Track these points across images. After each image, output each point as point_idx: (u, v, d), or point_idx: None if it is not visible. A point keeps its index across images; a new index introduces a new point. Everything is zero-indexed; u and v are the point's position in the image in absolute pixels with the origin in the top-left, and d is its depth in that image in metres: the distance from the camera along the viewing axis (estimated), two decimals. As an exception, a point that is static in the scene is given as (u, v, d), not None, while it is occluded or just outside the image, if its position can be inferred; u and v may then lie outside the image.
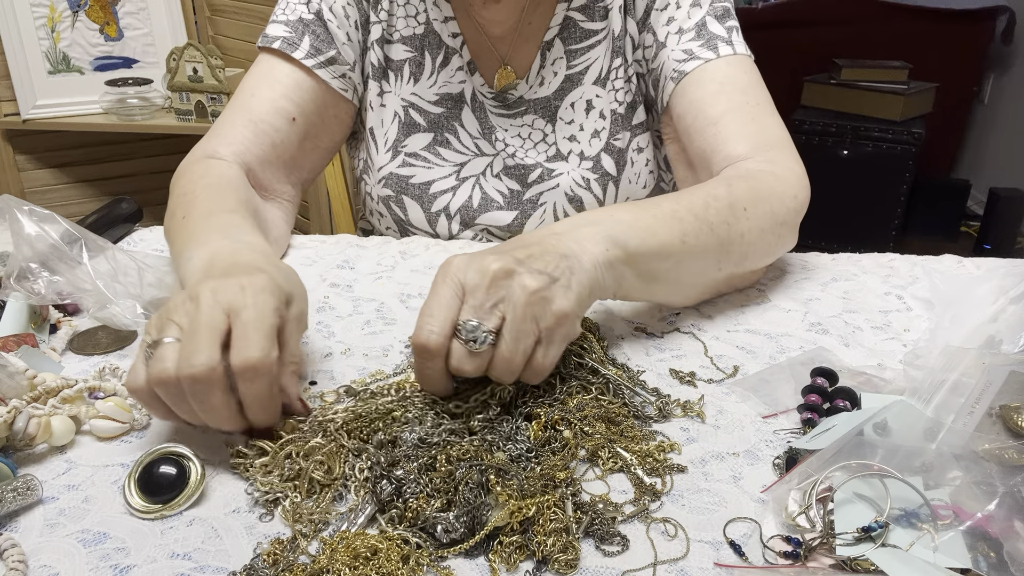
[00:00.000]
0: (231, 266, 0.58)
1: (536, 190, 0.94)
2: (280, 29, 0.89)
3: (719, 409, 0.61)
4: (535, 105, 0.93)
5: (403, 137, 0.94)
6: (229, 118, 0.87)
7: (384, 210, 0.97)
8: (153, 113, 2.27)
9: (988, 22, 3.15)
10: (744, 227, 0.71)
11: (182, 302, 0.54)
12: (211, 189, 0.77)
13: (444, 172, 0.94)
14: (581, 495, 0.51)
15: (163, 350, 0.52)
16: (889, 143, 2.91)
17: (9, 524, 0.49)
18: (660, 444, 0.56)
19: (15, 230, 0.69)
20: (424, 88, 0.94)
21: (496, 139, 0.94)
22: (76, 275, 0.68)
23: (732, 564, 0.46)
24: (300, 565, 0.45)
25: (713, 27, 0.84)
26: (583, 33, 0.91)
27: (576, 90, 0.92)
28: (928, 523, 0.46)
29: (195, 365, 0.50)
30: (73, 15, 2.25)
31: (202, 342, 0.51)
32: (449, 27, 0.92)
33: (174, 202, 0.77)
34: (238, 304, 0.53)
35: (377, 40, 0.92)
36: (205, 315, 0.52)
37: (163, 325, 0.53)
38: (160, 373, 0.51)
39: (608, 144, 0.93)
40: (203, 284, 0.54)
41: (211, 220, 0.70)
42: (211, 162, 0.83)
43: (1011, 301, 0.67)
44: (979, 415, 0.53)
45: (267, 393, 0.53)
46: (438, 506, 0.48)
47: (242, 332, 0.52)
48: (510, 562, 0.46)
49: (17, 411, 0.53)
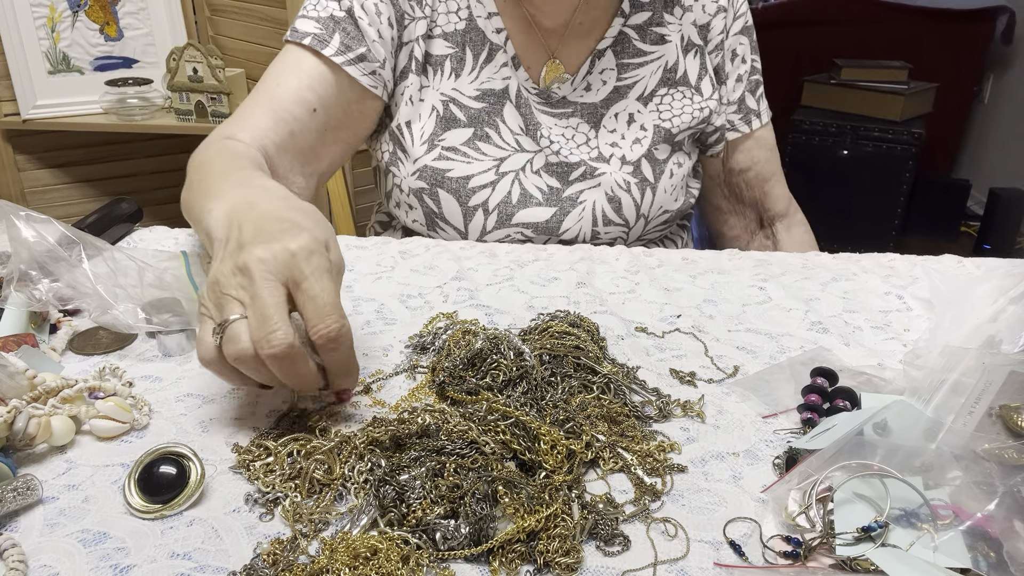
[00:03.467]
0: (260, 219, 0.57)
1: (577, 188, 0.95)
2: (311, 25, 0.89)
3: (719, 409, 0.61)
4: (581, 109, 0.96)
5: (440, 131, 0.95)
6: (251, 105, 0.88)
7: (415, 202, 0.97)
8: (153, 113, 2.27)
9: (988, 22, 3.16)
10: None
11: (231, 273, 0.54)
12: (226, 157, 0.78)
13: (483, 167, 0.95)
14: (584, 495, 0.51)
15: (234, 330, 0.52)
16: (889, 143, 2.92)
17: (9, 524, 0.49)
18: (660, 444, 0.56)
19: (12, 235, 0.69)
20: (465, 84, 0.94)
21: (541, 135, 0.95)
22: (76, 278, 0.68)
23: (732, 564, 0.46)
24: (300, 565, 0.45)
25: (749, 102, 1.04)
26: (636, 51, 0.96)
27: (621, 102, 0.96)
28: (928, 523, 0.46)
29: (275, 345, 0.51)
30: (73, 15, 2.25)
31: (275, 321, 0.52)
32: (493, 23, 0.93)
33: (191, 175, 0.78)
34: (296, 275, 0.53)
35: (421, 35, 0.93)
36: (266, 291, 0.52)
37: (222, 302, 0.54)
38: (239, 353, 0.52)
39: (649, 152, 0.96)
40: (248, 253, 0.54)
41: (227, 176, 0.71)
42: (229, 142, 0.84)
43: (1011, 301, 0.67)
44: (979, 415, 0.53)
45: (351, 355, 0.55)
46: (441, 513, 0.48)
47: (312, 306, 0.53)
48: (511, 568, 0.46)
49: (17, 411, 0.53)
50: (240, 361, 0.53)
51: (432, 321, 0.73)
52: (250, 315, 0.53)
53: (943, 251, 0.89)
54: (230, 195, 0.63)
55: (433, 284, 0.81)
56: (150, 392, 0.62)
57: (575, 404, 0.57)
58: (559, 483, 0.50)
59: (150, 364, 0.66)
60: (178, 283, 0.74)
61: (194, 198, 0.72)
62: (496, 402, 0.56)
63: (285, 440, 0.55)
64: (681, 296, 0.79)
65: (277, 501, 0.51)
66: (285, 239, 0.55)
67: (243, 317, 0.53)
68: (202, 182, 0.73)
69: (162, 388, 0.63)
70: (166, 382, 0.64)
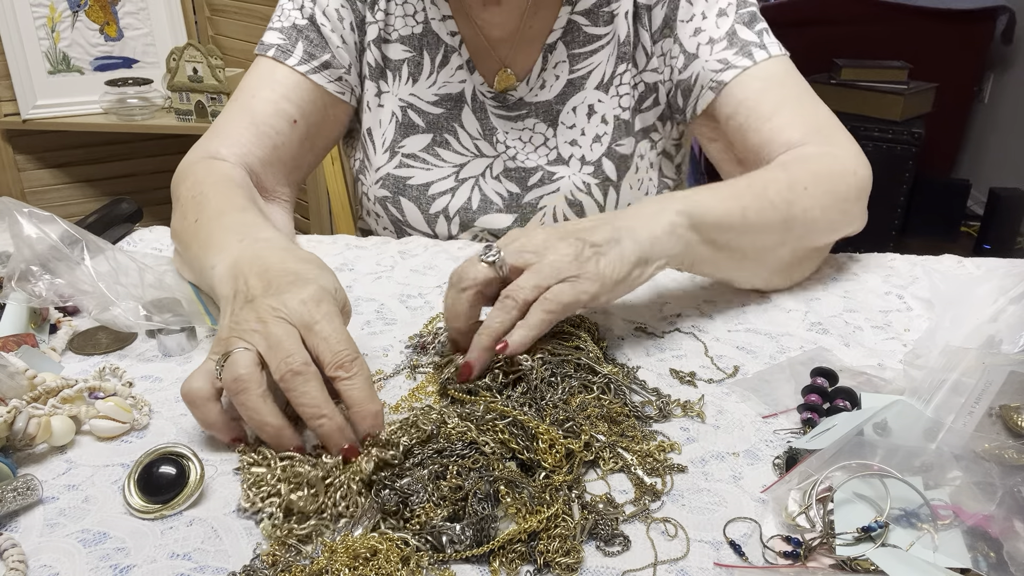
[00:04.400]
0: (265, 272, 0.59)
1: (536, 193, 0.94)
2: (275, 36, 0.89)
3: (719, 409, 0.61)
4: (536, 108, 0.93)
5: (400, 138, 0.94)
6: (230, 119, 0.87)
7: (381, 211, 0.97)
8: (153, 113, 2.27)
9: (988, 22, 3.15)
10: (806, 203, 0.73)
11: (245, 322, 0.55)
12: (218, 189, 0.77)
13: (443, 173, 0.94)
14: (584, 496, 0.51)
15: (236, 356, 0.53)
16: (889, 143, 2.91)
17: (9, 524, 0.49)
18: (660, 444, 0.56)
19: (15, 232, 0.69)
20: (423, 88, 0.93)
21: (497, 140, 0.94)
22: (76, 277, 0.68)
23: (732, 564, 0.46)
24: (299, 566, 0.45)
25: (744, 34, 0.85)
26: (587, 37, 0.91)
27: (578, 95, 0.92)
28: (928, 523, 0.46)
29: (294, 362, 0.52)
30: (73, 15, 2.25)
31: (290, 346, 0.53)
32: (447, 25, 0.91)
33: (184, 205, 0.77)
34: (308, 319, 0.55)
35: (374, 40, 0.92)
36: (280, 328, 0.54)
37: (229, 343, 0.55)
38: (237, 376, 0.53)
39: (610, 149, 0.92)
40: (259, 304, 0.56)
41: (223, 220, 0.71)
42: (214, 162, 0.83)
43: (1011, 301, 0.67)
44: (979, 415, 0.53)
45: (367, 386, 0.55)
46: (444, 515, 0.47)
47: (324, 343, 0.54)
48: (511, 568, 0.46)
49: (17, 411, 0.53)
50: (236, 385, 0.53)
51: (432, 321, 0.73)
52: (265, 349, 0.54)
53: (943, 251, 0.89)
54: (231, 249, 0.65)
55: (433, 284, 0.81)
56: (150, 392, 0.62)
57: (575, 404, 0.57)
58: (559, 483, 0.50)
59: (150, 364, 0.66)
60: (178, 284, 0.74)
61: (191, 240, 0.72)
62: (494, 402, 0.56)
63: (282, 455, 0.53)
64: (681, 296, 0.79)
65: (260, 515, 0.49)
66: (293, 290, 0.57)
67: (247, 349, 0.54)
68: (198, 223, 0.73)
69: (162, 388, 0.63)
70: (166, 382, 0.64)
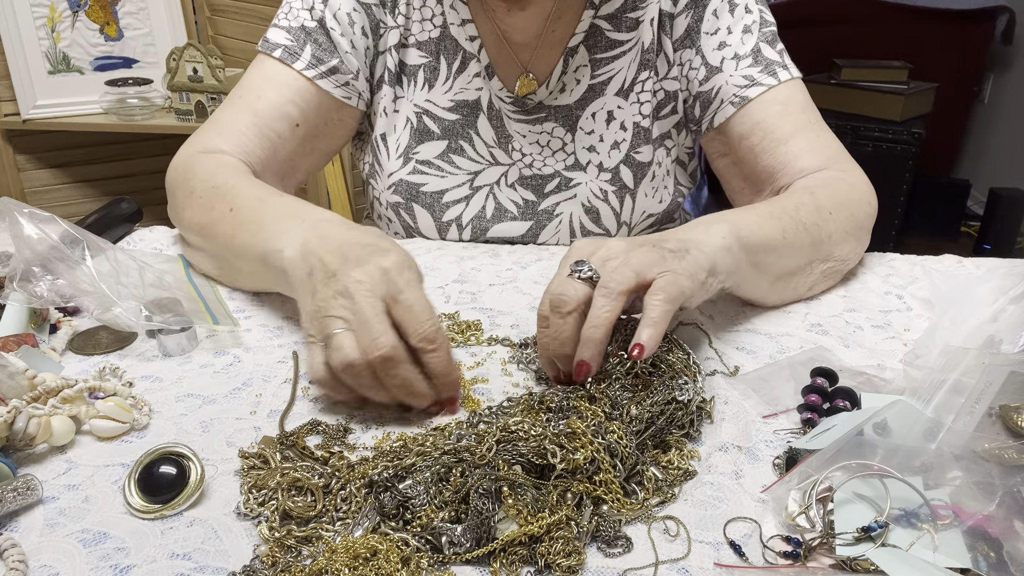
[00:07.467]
0: (340, 247, 0.61)
1: (553, 200, 0.93)
2: (282, 36, 0.87)
3: (724, 401, 0.61)
4: (556, 112, 0.92)
5: (415, 144, 0.93)
6: (233, 117, 0.86)
7: (393, 216, 0.96)
8: (153, 113, 2.27)
9: (988, 22, 3.15)
10: (831, 228, 0.76)
11: (331, 297, 0.58)
12: (241, 178, 0.78)
13: (457, 181, 0.93)
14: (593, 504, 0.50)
15: (338, 340, 0.57)
16: (889, 143, 2.91)
17: (9, 524, 0.49)
18: (681, 452, 0.55)
19: (15, 232, 0.69)
20: (439, 94, 0.92)
21: (513, 148, 0.93)
22: (77, 277, 0.68)
23: (732, 564, 0.46)
24: (299, 566, 0.45)
25: (767, 53, 0.86)
26: (609, 43, 0.90)
27: (598, 100, 0.91)
28: (928, 523, 0.46)
29: (381, 347, 0.56)
30: (73, 15, 2.25)
31: (379, 327, 0.56)
32: (467, 30, 0.90)
33: (203, 197, 0.77)
34: (392, 290, 0.58)
35: (395, 45, 0.90)
36: (368, 305, 0.57)
37: (325, 323, 0.58)
38: (344, 359, 0.56)
39: (628, 156, 0.92)
40: (345, 276, 0.59)
41: (269, 206, 0.72)
42: (220, 156, 0.82)
43: (1011, 301, 0.67)
44: (979, 415, 0.53)
45: (449, 357, 0.59)
46: (445, 517, 0.47)
47: (409, 313, 0.58)
48: (511, 569, 0.46)
49: (17, 411, 0.53)
50: (346, 369, 0.57)
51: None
52: (355, 327, 0.57)
53: (943, 251, 0.89)
54: (295, 231, 0.66)
55: (435, 285, 0.81)
56: (150, 392, 0.62)
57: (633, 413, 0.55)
58: (575, 488, 0.49)
59: (150, 364, 0.66)
60: (178, 284, 0.74)
61: (236, 229, 0.72)
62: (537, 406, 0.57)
63: (282, 459, 0.53)
64: (681, 296, 0.79)
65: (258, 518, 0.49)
66: (375, 259, 0.60)
67: (346, 330, 0.57)
68: (235, 211, 0.73)
69: (162, 388, 0.63)
70: (166, 382, 0.64)
